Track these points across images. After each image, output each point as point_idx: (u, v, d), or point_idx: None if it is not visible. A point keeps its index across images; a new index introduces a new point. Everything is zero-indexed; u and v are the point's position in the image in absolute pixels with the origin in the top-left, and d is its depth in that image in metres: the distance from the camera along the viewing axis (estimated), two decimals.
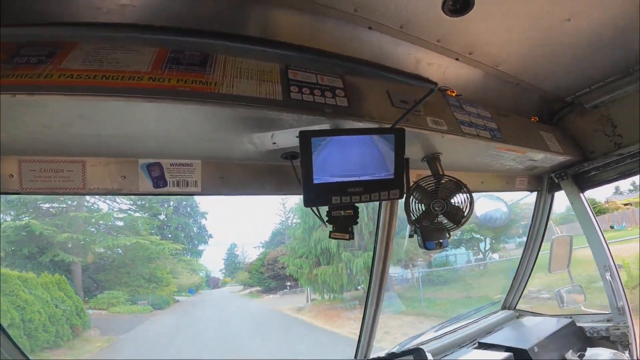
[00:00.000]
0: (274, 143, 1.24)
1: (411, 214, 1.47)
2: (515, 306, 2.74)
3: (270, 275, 14.22)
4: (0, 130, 1.01)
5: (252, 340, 8.06)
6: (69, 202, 10.26)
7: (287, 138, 1.20)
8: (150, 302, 10.96)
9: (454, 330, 2.37)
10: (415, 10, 1.29)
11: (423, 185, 1.44)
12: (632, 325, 2.22)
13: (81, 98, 0.91)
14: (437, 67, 1.63)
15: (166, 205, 13.27)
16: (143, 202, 12.11)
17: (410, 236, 1.55)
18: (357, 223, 1.29)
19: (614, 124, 2.06)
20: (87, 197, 10.79)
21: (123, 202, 11.61)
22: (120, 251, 10.68)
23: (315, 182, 1.14)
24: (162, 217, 13.56)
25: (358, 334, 1.97)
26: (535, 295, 7.97)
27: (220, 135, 1.19)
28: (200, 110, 1.02)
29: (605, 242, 2.30)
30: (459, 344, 2.19)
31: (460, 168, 1.89)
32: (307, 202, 1.17)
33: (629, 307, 2.24)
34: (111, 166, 1.25)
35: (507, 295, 2.74)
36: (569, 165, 2.22)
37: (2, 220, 9.28)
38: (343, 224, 1.27)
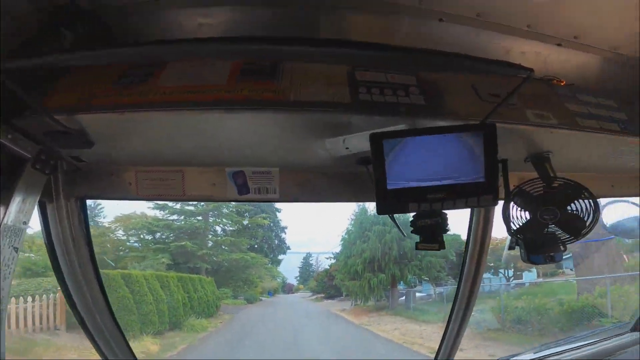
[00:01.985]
0: (347, 148, 1.18)
1: (512, 224, 1.23)
2: None
3: (330, 285, 17.24)
4: (117, 145, 1.19)
5: (305, 323, 12.80)
6: (202, 227, 16.03)
7: (360, 142, 1.12)
8: (245, 298, 15.71)
9: (562, 353, 1.97)
10: None
11: (527, 189, 1.18)
12: None
13: (175, 113, 1.01)
14: (534, 55, 1.36)
15: (261, 231, 18.18)
16: (247, 225, 17.41)
17: (511, 248, 1.30)
18: (447, 231, 1.14)
19: None
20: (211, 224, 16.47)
21: (230, 226, 16.86)
22: (227, 262, 16.02)
23: (389, 187, 1.03)
24: (257, 233, 17.86)
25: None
26: None
27: (294, 142, 1.20)
28: (272, 117, 1.04)
29: None
30: None
31: (579, 169, 1.52)
32: (381, 210, 1.07)
33: None
34: (204, 175, 1.35)
35: None
36: None
37: (167, 239, 15.33)
38: (431, 234, 1.12)
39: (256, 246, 17.23)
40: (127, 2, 1.11)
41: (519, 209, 1.20)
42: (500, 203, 1.23)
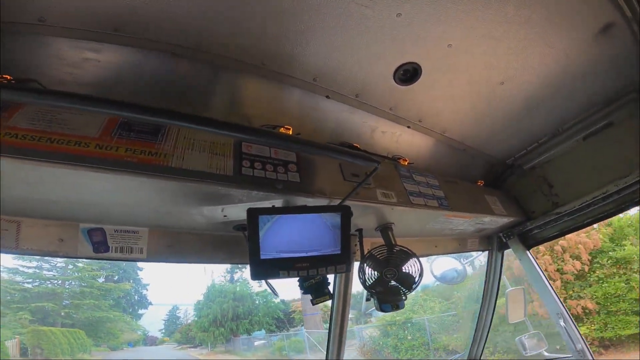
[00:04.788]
0: (225, 216, 1.25)
1: (366, 281, 1.48)
2: (480, 356, 2.74)
3: (192, 336, 21.22)
4: None
5: None
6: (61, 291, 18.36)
7: (238, 212, 1.22)
8: (108, 346, 18.42)
9: None
10: (369, 80, 1.43)
11: (375, 254, 1.48)
12: None
13: (25, 162, 0.87)
14: (390, 135, 1.73)
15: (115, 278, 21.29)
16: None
17: (367, 300, 1.56)
18: (330, 283, 1.37)
19: (550, 183, 2.22)
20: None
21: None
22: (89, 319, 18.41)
23: (262, 257, 1.15)
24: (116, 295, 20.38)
25: None
26: None
27: (168, 207, 1.19)
28: (147, 182, 1.00)
29: (554, 291, 2.40)
30: None
31: (414, 234, 1.96)
32: (255, 276, 1.18)
33: (588, 348, 2.31)
34: (49, 228, 1.19)
35: (471, 347, 2.74)
36: (515, 225, 2.35)
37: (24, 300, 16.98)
38: (319, 289, 1.36)
39: (111, 301, 19.72)
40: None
41: (371, 269, 1.48)
42: (357, 264, 1.51)
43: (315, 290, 1.36)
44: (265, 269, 1.16)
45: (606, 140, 1.97)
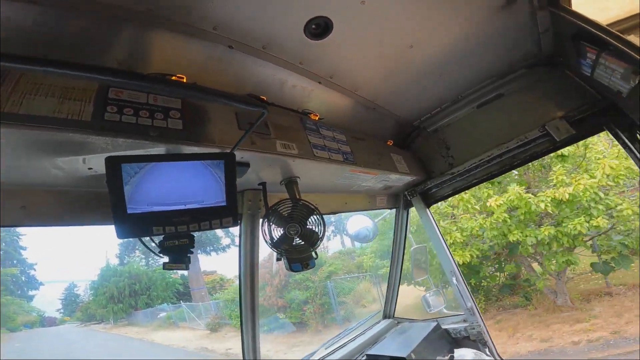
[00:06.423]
0: (90, 168, 1.03)
1: (271, 238, 1.41)
2: (394, 314, 2.94)
3: (92, 313, 21.69)
4: None
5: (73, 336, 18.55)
6: None
7: None
8: (7, 328, 17.99)
9: (344, 345, 2.42)
10: (279, 32, 1.30)
11: (279, 209, 1.41)
12: (484, 324, 2.51)
13: None
14: (301, 89, 1.64)
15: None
16: None
17: (278, 259, 1.50)
18: (192, 252, 1.18)
19: (447, 146, 2.40)
20: None
21: None
22: None
23: (129, 212, 0.99)
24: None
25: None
26: None
27: (8, 160, 0.95)
28: None
29: (449, 250, 2.63)
30: (349, 358, 2.26)
31: (323, 190, 1.94)
32: (121, 234, 1.01)
33: (476, 307, 2.55)
34: None
35: (385, 305, 2.94)
36: (417, 184, 2.49)
37: None
38: (178, 254, 1.14)
39: None
40: None
41: (275, 226, 1.41)
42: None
43: (175, 252, 1.14)
44: (134, 226, 1.00)
45: (496, 110, 2.17)
